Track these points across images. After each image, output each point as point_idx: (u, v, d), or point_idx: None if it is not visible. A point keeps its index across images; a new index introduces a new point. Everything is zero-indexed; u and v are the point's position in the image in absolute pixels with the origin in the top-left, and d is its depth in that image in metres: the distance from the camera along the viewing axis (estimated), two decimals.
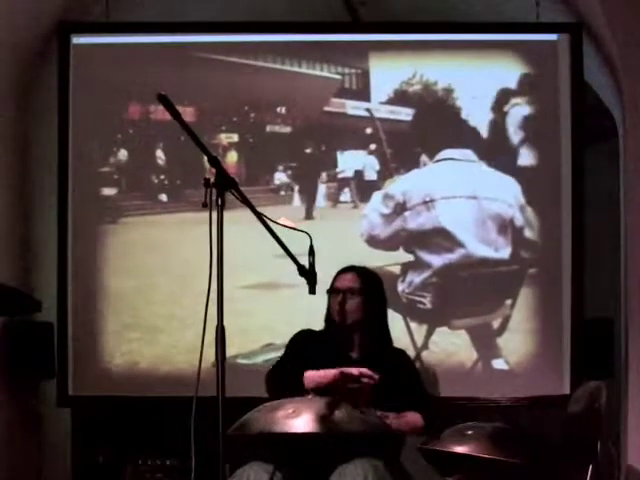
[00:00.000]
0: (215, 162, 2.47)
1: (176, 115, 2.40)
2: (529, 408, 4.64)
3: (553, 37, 4.74)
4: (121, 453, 4.64)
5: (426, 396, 3.33)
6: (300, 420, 2.73)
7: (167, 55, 4.76)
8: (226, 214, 2.45)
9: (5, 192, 4.64)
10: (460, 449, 2.79)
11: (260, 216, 2.59)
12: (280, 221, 2.70)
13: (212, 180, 2.44)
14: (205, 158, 2.51)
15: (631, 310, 4.44)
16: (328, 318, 3.49)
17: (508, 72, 4.75)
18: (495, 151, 4.75)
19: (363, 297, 3.34)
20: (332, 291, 3.37)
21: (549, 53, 4.73)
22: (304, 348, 3.40)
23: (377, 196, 4.75)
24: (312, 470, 2.86)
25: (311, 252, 2.78)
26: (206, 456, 2.49)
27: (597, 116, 5.05)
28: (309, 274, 2.76)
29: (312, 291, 2.77)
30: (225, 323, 2.44)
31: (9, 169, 4.70)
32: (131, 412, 4.74)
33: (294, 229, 2.79)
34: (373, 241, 4.73)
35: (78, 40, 4.72)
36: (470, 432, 2.84)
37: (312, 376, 3.15)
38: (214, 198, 2.43)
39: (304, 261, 2.77)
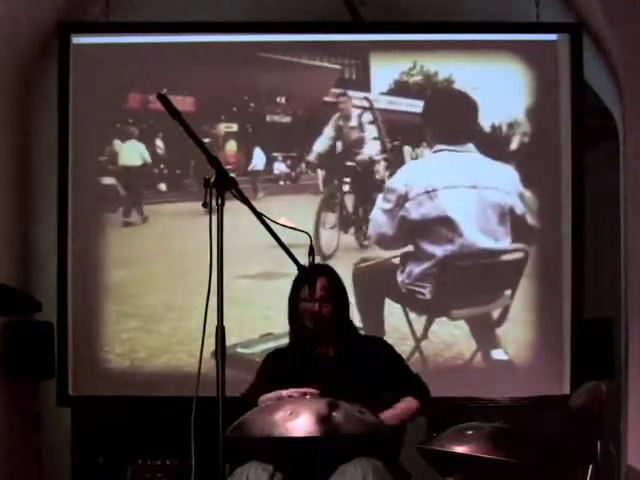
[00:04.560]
0: (215, 162, 2.46)
1: (176, 114, 2.40)
2: (529, 408, 4.64)
3: (553, 37, 4.74)
4: (121, 453, 4.63)
5: (414, 376, 3.32)
6: (299, 422, 2.71)
7: (167, 50, 4.76)
8: (225, 204, 2.43)
9: (5, 191, 4.64)
10: (460, 449, 2.78)
11: (260, 216, 2.58)
12: (280, 221, 2.69)
13: (212, 180, 2.43)
14: None
15: (631, 310, 4.45)
16: (297, 322, 3.41)
17: (508, 72, 4.76)
18: (495, 144, 4.76)
19: (335, 301, 3.32)
20: (306, 300, 3.33)
21: (549, 53, 4.73)
22: (274, 367, 3.37)
23: (379, 195, 4.76)
24: (312, 471, 2.86)
25: (311, 252, 2.77)
26: (206, 456, 2.49)
27: (597, 116, 5.05)
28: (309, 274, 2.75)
29: (313, 290, 2.76)
30: (224, 312, 2.40)
31: (9, 168, 4.70)
32: (131, 412, 4.74)
33: (294, 229, 2.78)
34: (382, 240, 4.72)
35: (78, 40, 4.73)
36: (470, 432, 2.84)
37: (265, 399, 3.13)
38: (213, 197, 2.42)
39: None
